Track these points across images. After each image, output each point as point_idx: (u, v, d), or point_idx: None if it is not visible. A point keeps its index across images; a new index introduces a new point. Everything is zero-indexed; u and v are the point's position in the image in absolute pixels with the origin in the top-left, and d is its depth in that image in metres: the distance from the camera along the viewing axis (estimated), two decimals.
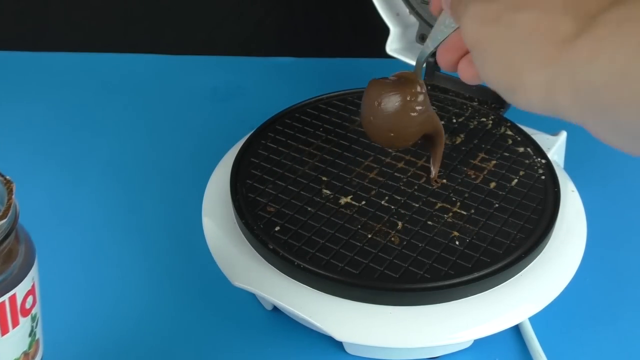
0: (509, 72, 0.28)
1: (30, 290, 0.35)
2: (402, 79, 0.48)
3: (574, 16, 0.26)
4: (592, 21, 0.25)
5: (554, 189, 0.49)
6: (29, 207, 0.59)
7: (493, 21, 0.29)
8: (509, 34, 0.28)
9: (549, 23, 0.26)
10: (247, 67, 0.78)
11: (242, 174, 0.51)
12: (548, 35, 0.26)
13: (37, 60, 0.80)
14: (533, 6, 0.27)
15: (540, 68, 0.27)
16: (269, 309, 0.49)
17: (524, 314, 0.44)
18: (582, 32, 0.25)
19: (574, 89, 0.25)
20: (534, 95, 0.27)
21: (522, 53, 0.27)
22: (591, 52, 0.24)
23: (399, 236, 0.46)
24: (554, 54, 0.26)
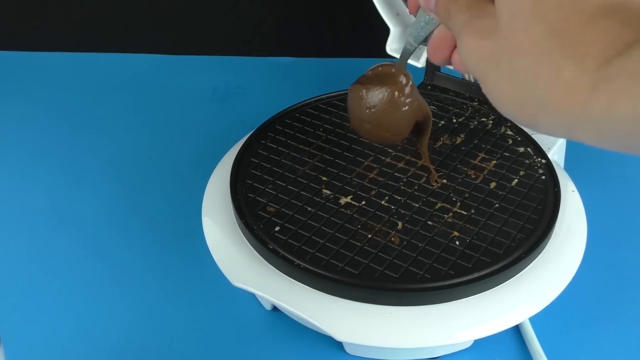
0: (524, 114, 0.27)
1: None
2: (382, 74, 0.46)
3: (574, 61, 0.24)
4: (603, 72, 0.24)
5: (554, 189, 0.49)
6: (29, 207, 0.60)
7: (493, 62, 0.28)
8: (513, 77, 0.27)
9: (550, 70, 0.25)
10: (247, 67, 0.78)
11: (242, 174, 0.51)
12: (553, 82, 0.25)
13: (37, 60, 0.80)
14: (528, 50, 0.26)
15: (555, 114, 0.26)
16: (269, 309, 0.49)
17: (524, 314, 0.44)
18: (596, 84, 0.24)
19: (596, 133, 0.25)
20: (552, 132, 0.27)
21: (531, 98, 0.26)
22: (610, 103, 0.23)
23: (399, 236, 0.46)
24: (567, 102, 0.25)
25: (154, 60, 0.80)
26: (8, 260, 0.54)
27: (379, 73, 0.46)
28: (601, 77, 0.24)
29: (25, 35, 0.81)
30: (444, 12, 0.32)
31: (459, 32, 0.30)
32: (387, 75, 0.46)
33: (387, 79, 0.46)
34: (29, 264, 0.54)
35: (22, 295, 0.52)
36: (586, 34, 0.24)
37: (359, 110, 0.46)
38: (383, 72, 0.46)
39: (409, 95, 0.46)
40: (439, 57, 0.35)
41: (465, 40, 0.30)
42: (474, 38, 0.29)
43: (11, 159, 0.65)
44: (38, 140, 0.68)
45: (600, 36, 0.24)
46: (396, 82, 0.46)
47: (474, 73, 0.30)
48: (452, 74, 0.62)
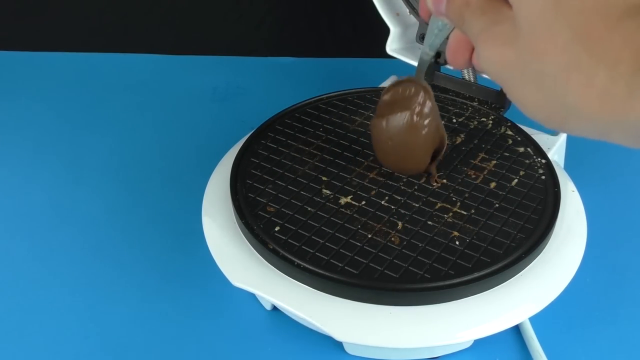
0: (556, 121, 0.27)
1: None
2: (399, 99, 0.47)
3: (606, 67, 0.24)
4: (636, 78, 0.23)
5: (554, 189, 0.49)
6: (29, 207, 0.60)
7: (518, 71, 0.27)
8: (540, 85, 0.26)
9: (581, 77, 0.24)
10: (247, 67, 0.78)
11: (242, 174, 0.51)
12: (585, 91, 0.24)
13: (37, 60, 0.80)
14: (554, 58, 0.25)
15: (589, 121, 0.25)
16: (269, 309, 0.49)
17: (524, 314, 0.44)
18: (632, 91, 0.23)
19: (633, 135, 0.25)
20: (585, 134, 0.26)
21: (562, 105, 0.26)
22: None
23: (399, 236, 0.46)
24: (601, 110, 0.24)
25: (154, 60, 0.80)
26: (8, 260, 0.55)
27: (396, 97, 0.47)
28: (638, 84, 0.23)
29: (25, 35, 0.81)
30: (458, 17, 0.30)
31: (477, 39, 0.29)
32: (404, 99, 0.47)
33: (405, 102, 0.47)
34: (30, 263, 0.54)
35: (22, 294, 0.52)
36: (614, 38, 0.24)
37: (382, 142, 0.49)
38: (401, 95, 0.47)
39: (429, 115, 0.47)
40: (459, 62, 0.34)
41: (485, 48, 0.28)
42: (493, 46, 0.28)
43: (11, 158, 0.66)
44: (38, 140, 0.68)
45: (629, 40, 0.23)
46: (413, 104, 0.46)
47: (497, 81, 0.29)
48: (452, 73, 0.62)
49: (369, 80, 0.65)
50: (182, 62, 0.79)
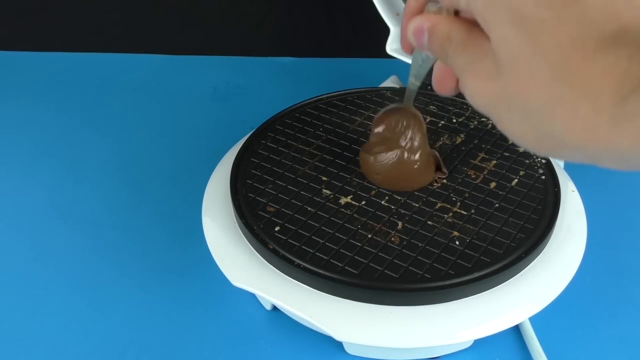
0: (545, 149, 0.27)
1: None
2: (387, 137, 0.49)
3: (588, 100, 0.24)
4: (620, 108, 0.23)
5: (554, 189, 0.49)
6: (30, 206, 0.60)
7: (504, 105, 0.27)
8: (526, 119, 0.26)
9: (565, 110, 0.25)
10: (247, 67, 0.78)
11: (242, 174, 0.51)
12: (570, 121, 0.25)
13: (37, 60, 0.80)
14: (537, 95, 0.25)
15: (577, 151, 0.25)
16: (269, 309, 0.49)
17: (524, 314, 0.44)
18: (617, 122, 0.24)
19: (623, 162, 0.25)
20: (577, 161, 0.27)
21: (550, 136, 0.26)
22: (635, 140, 0.23)
23: (399, 236, 0.46)
24: (588, 140, 0.25)
25: (154, 60, 0.80)
26: (8, 259, 0.55)
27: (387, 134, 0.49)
28: (621, 115, 0.24)
29: (25, 35, 0.81)
30: (440, 51, 0.31)
31: (461, 74, 0.29)
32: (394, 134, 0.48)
33: (395, 139, 0.48)
34: (30, 263, 0.54)
35: (22, 294, 0.52)
36: (593, 70, 0.24)
37: (370, 176, 0.50)
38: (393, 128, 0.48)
39: (419, 148, 0.48)
40: (446, 89, 0.34)
41: (469, 83, 0.29)
42: (477, 81, 0.28)
43: (12, 158, 0.66)
44: (38, 140, 0.68)
45: (609, 72, 0.24)
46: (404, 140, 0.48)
47: (485, 114, 0.29)
48: None
49: (369, 80, 0.65)
50: (182, 62, 0.79)
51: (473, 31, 0.29)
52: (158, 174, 0.63)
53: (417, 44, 0.32)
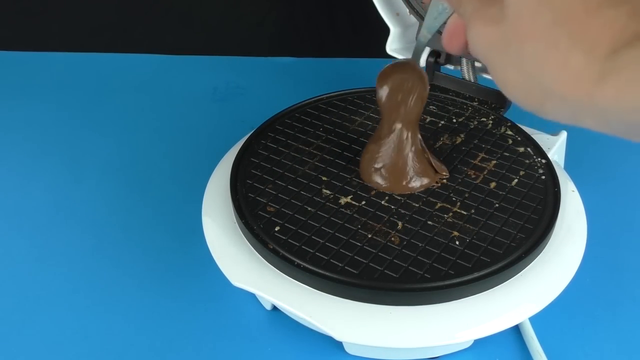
0: (532, 101, 0.28)
1: None
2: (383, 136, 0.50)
3: (582, 50, 0.24)
4: (611, 63, 0.24)
5: (554, 189, 0.49)
6: (30, 206, 0.60)
7: (501, 50, 0.28)
8: (520, 65, 0.27)
9: (558, 58, 0.25)
10: (247, 67, 0.78)
11: (242, 174, 0.51)
12: (561, 72, 0.25)
13: (37, 60, 0.80)
14: (535, 38, 0.26)
15: (562, 102, 0.26)
16: (269, 309, 0.49)
17: (524, 314, 0.44)
18: (604, 74, 0.24)
19: (604, 121, 0.25)
20: (559, 118, 0.27)
21: (538, 85, 0.27)
22: (618, 93, 0.24)
23: (399, 236, 0.46)
24: (574, 91, 0.25)
25: (154, 60, 0.80)
26: (9, 259, 0.55)
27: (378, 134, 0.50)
28: (609, 67, 0.24)
29: (25, 35, 0.81)
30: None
31: (469, 19, 0.30)
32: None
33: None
34: (30, 263, 0.54)
35: (22, 294, 0.52)
36: (593, 23, 0.24)
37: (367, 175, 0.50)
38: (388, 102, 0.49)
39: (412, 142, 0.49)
40: (455, 45, 0.35)
41: (474, 27, 0.30)
42: (482, 25, 0.29)
43: (12, 158, 0.66)
44: (39, 140, 0.68)
45: (608, 26, 0.24)
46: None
47: (482, 59, 0.30)
48: (452, 74, 0.62)
49: (369, 80, 0.65)
50: (182, 62, 0.79)
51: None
52: (158, 174, 0.63)
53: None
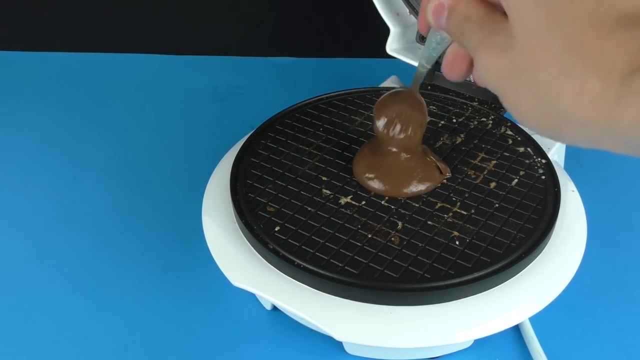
0: (548, 127, 0.28)
1: None
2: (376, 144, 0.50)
3: (598, 74, 0.24)
4: (628, 85, 0.24)
5: (554, 189, 0.49)
6: (30, 207, 0.60)
7: (513, 79, 0.28)
8: (534, 93, 0.27)
9: (573, 84, 0.25)
10: (247, 67, 0.78)
11: (242, 174, 0.51)
12: (577, 97, 0.25)
13: (37, 60, 0.80)
14: (548, 66, 0.26)
15: (581, 126, 0.26)
16: (269, 309, 0.49)
17: (524, 314, 0.44)
18: (622, 97, 0.24)
19: (623, 142, 0.25)
20: (577, 141, 0.27)
21: (555, 111, 0.26)
22: (637, 114, 0.24)
23: (399, 236, 0.46)
24: (592, 115, 0.25)
25: (154, 60, 0.80)
26: (8, 259, 0.55)
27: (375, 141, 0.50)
28: (627, 89, 0.24)
29: (25, 35, 0.81)
30: (457, 30, 0.31)
31: (475, 50, 0.30)
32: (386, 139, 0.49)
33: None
34: (30, 262, 0.54)
35: (22, 294, 0.52)
36: (607, 47, 0.24)
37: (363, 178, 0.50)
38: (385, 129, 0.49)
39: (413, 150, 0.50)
40: (455, 74, 0.34)
41: (482, 58, 0.29)
42: (490, 55, 0.29)
43: (12, 158, 0.66)
44: (38, 140, 0.68)
45: (622, 49, 0.24)
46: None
47: (493, 90, 0.29)
48: None
49: (369, 80, 0.65)
50: (182, 62, 0.79)
51: (491, 12, 0.30)
52: (158, 174, 0.63)
53: (435, 23, 0.33)
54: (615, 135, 0.25)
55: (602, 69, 0.24)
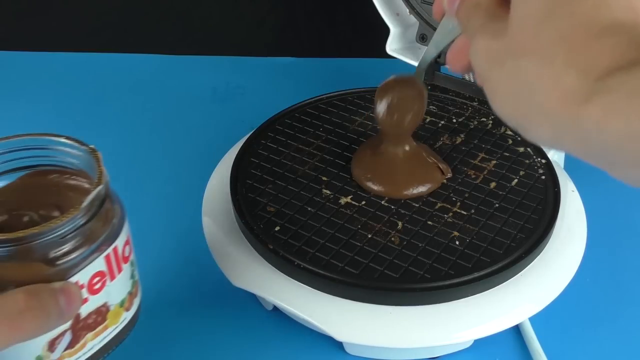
0: (518, 116, 0.28)
1: (127, 241, 0.41)
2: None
3: (577, 71, 0.25)
4: (602, 84, 0.24)
5: (554, 189, 0.49)
6: None
7: (498, 63, 0.28)
8: (514, 80, 0.28)
9: (551, 75, 0.26)
10: (247, 67, 0.78)
11: (242, 174, 0.51)
12: (552, 89, 0.26)
13: (37, 60, 0.80)
14: (533, 53, 0.27)
15: (547, 121, 0.26)
16: (269, 309, 0.49)
17: (524, 314, 0.44)
18: (592, 95, 0.24)
19: (584, 144, 0.26)
20: (543, 140, 0.28)
21: (528, 102, 0.27)
22: (604, 115, 0.24)
23: (399, 236, 0.46)
24: (561, 110, 0.26)
25: (154, 60, 0.80)
26: None
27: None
28: (598, 89, 0.24)
29: (25, 35, 0.81)
30: (465, 16, 0.32)
31: (474, 33, 0.31)
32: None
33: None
34: None
35: None
36: (593, 46, 0.25)
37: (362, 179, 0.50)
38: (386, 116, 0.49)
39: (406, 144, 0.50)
40: (459, 64, 0.35)
41: (476, 40, 0.30)
42: (484, 39, 0.30)
43: None
44: None
45: (607, 51, 0.25)
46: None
47: (479, 73, 0.30)
48: (452, 74, 0.62)
49: (369, 80, 0.65)
50: (182, 62, 0.79)
51: (501, 4, 0.30)
52: (158, 174, 0.63)
53: (449, 7, 0.34)
54: (577, 134, 0.25)
55: (582, 67, 0.25)
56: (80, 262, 0.36)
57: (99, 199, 0.38)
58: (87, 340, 0.39)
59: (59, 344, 0.37)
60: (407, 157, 0.50)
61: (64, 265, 0.35)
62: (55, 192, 0.41)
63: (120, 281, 0.40)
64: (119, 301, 0.41)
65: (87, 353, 0.39)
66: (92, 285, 0.38)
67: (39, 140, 0.41)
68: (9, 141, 0.40)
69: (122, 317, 0.41)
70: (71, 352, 0.38)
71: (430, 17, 0.59)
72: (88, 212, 0.36)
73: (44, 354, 0.37)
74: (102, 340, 0.40)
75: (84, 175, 0.42)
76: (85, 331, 0.38)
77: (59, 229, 0.34)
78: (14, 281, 0.33)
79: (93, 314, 0.39)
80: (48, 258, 0.34)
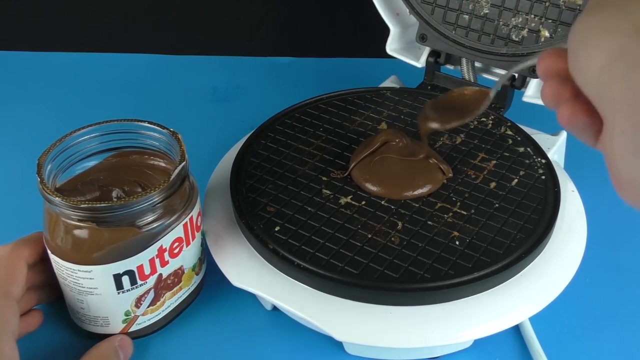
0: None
1: (199, 212, 0.47)
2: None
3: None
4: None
5: (554, 189, 0.49)
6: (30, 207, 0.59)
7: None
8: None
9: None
10: (247, 67, 0.78)
11: (242, 174, 0.51)
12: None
13: (37, 60, 0.80)
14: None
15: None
16: (269, 309, 0.49)
17: (524, 314, 0.44)
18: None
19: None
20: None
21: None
22: None
23: (399, 236, 0.46)
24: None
25: (154, 60, 0.80)
26: None
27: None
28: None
29: (25, 35, 0.81)
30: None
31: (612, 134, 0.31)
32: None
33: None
34: None
35: None
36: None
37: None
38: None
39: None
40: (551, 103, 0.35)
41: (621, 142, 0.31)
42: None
43: (12, 158, 0.66)
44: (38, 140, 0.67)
45: None
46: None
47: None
48: (452, 74, 0.62)
49: (369, 80, 0.65)
50: (182, 62, 0.79)
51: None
52: None
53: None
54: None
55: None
56: (164, 229, 0.43)
57: (181, 175, 0.44)
58: (166, 298, 0.46)
59: (144, 301, 0.45)
60: (407, 157, 0.50)
61: (152, 230, 0.42)
62: (136, 171, 0.47)
63: (193, 247, 0.46)
64: (191, 265, 0.47)
65: (165, 310, 0.46)
66: (173, 250, 0.44)
67: (126, 125, 0.47)
68: (99, 126, 0.47)
69: (193, 280, 0.48)
70: (153, 308, 0.46)
71: (430, 16, 0.59)
72: (172, 187, 0.43)
73: (132, 309, 0.45)
74: (177, 299, 0.47)
75: (160, 155, 0.48)
76: (165, 290, 0.46)
77: (150, 199, 0.41)
78: (110, 242, 0.41)
79: (171, 276, 0.45)
80: (136, 225, 0.42)
